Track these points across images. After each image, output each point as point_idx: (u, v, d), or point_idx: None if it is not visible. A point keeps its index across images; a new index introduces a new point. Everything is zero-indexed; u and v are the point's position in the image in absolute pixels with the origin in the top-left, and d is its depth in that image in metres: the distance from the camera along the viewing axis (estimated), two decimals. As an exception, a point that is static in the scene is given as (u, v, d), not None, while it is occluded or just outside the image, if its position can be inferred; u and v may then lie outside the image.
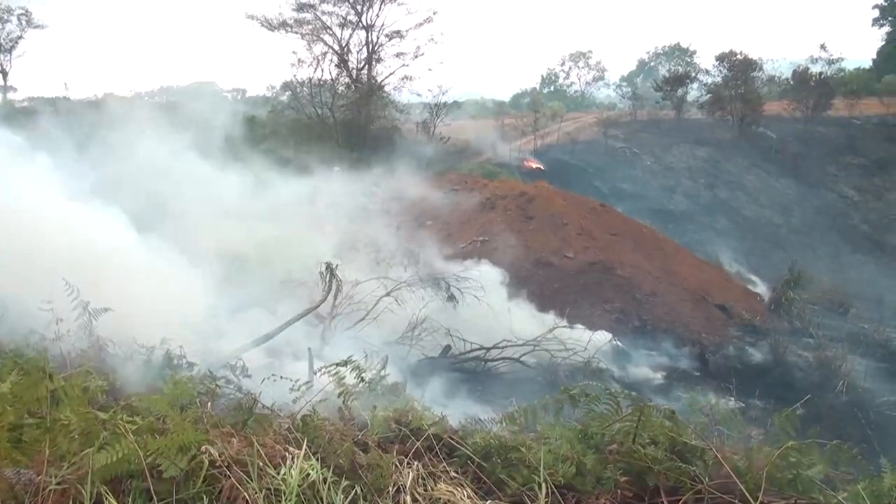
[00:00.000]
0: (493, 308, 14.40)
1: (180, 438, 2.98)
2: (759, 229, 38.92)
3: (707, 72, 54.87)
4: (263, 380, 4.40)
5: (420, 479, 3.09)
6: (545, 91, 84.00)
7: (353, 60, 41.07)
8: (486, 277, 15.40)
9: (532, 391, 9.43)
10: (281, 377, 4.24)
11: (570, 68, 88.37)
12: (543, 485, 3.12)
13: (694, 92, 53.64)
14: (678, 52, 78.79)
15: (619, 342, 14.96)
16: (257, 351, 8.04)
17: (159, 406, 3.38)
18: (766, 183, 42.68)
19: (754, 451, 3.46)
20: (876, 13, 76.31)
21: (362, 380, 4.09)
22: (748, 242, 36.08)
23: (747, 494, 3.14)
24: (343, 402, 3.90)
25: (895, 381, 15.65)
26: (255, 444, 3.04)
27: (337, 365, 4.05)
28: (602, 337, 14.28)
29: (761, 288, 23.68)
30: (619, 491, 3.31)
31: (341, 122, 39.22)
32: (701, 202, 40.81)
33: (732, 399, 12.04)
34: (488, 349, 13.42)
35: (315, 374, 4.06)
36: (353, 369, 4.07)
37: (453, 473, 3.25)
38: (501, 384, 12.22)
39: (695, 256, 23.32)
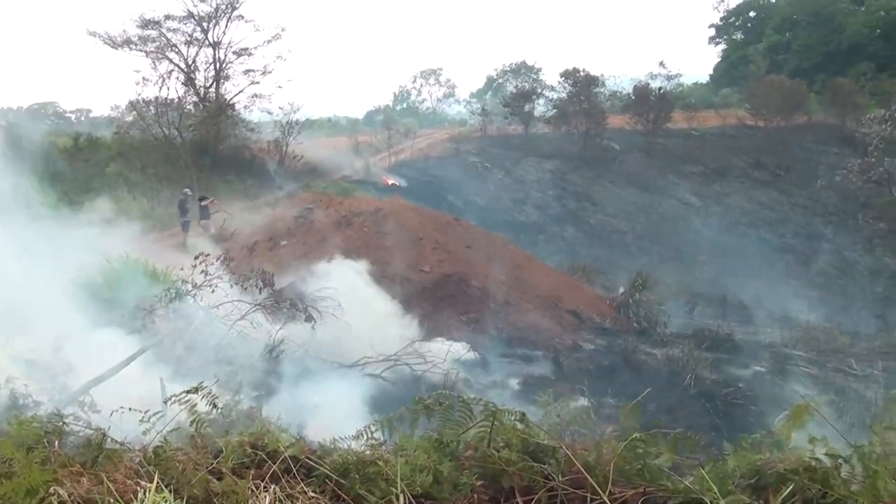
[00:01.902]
0: (351, 325, 14.39)
1: (27, 481, 2.87)
2: (607, 236, 40.59)
3: (552, 88, 56.81)
4: (112, 413, 4.26)
5: (277, 502, 3.09)
6: (398, 108, 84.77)
7: (200, 79, 40.25)
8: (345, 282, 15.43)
9: (395, 406, 9.47)
10: (130, 409, 4.12)
11: (421, 85, 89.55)
12: (401, 496, 3.17)
13: (541, 107, 55.31)
14: (524, 70, 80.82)
15: (476, 352, 15.24)
16: (111, 383, 7.74)
17: (4, 449, 3.23)
18: (611, 192, 44.56)
19: (603, 445, 3.57)
20: (712, 32, 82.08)
21: (215, 406, 4.03)
22: (597, 249, 37.52)
23: (597, 487, 3.26)
24: (195, 430, 3.83)
25: (739, 371, 16.70)
26: (105, 480, 2.97)
27: (188, 392, 3.97)
28: (460, 348, 14.53)
29: (610, 292, 24.66)
30: (475, 495, 3.38)
31: (190, 143, 38.12)
32: (551, 213, 42.15)
33: (586, 399, 12.48)
34: (348, 367, 13.39)
35: (165, 403, 3.97)
36: (204, 396, 4.00)
37: (311, 493, 3.25)
38: (365, 402, 12.20)
39: (546, 265, 24.06)
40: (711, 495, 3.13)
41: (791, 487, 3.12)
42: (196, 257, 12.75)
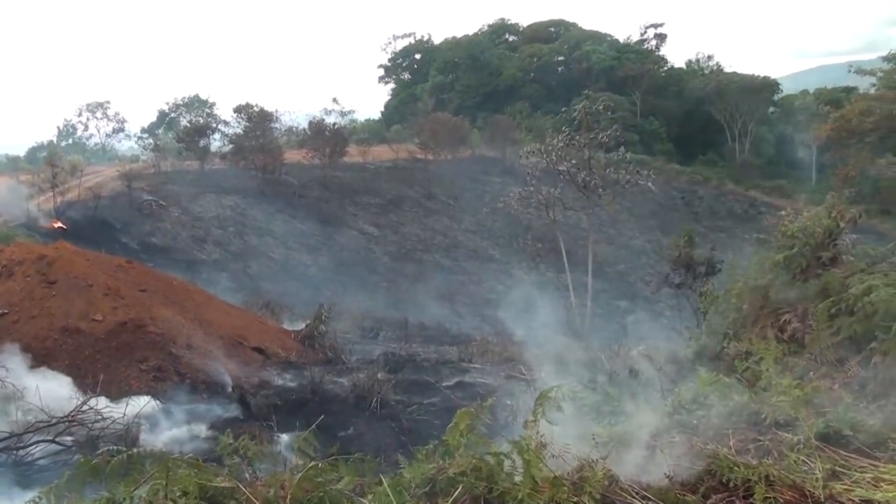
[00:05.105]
0: (19, 388, 13.33)
1: None
2: (290, 270, 40.91)
3: (227, 123, 56.36)
4: None
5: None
6: (63, 144, 79.04)
7: None
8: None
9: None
10: None
11: (88, 119, 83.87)
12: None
13: (217, 142, 54.64)
14: (198, 104, 79.18)
15: (159, 401, 14.73)
16: None
17: None
18: (292, 226, 45.05)
19: (282, 478, 3.71)
20: (381, 72, 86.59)
21: None
22: (281, 284, 37.67)
23: (274, 524, 3.37)
24: None
25: (422, 389, 17.67)
26: None
27: None
28: (141, 400, 13.99)
29: (296, 325, 24.93)
30: (150, 552, 3.45)
31: None
32: (232, 250, 41.66)
33: (275, 435, 12.64)
34: (19, 435, 12.33)
35: None
36: None
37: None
38: (41, 471, 11.38)
39: (228, 304, 23.74)
40: (389, 510, 3.38)
41: (460, 489, 3.50)
42: None
